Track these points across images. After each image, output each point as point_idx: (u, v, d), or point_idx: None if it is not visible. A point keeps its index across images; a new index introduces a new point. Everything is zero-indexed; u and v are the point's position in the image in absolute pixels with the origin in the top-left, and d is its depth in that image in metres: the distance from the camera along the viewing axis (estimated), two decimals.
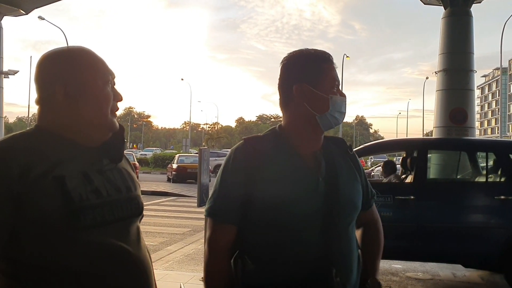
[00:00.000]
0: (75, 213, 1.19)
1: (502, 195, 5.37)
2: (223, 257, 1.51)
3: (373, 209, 1.75)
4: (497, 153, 5.90)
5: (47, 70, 1.31)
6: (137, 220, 1.39)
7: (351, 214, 1.56)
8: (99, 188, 1.28)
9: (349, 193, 1.55)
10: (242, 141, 1.58)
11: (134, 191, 1.41)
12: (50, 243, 1.18)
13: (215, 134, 68.99)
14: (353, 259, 1.54)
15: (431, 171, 6.19)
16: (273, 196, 1.45)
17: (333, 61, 1.57)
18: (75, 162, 1.27)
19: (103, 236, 1.24)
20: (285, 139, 1.56)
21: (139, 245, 1.36)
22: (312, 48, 1.58)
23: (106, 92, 1.33)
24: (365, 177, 1.69)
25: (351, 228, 1.57)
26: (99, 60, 1.35)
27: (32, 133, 1.31)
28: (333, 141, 1.66)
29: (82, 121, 1.30)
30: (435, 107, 14.11)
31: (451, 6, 13.56)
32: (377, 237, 1.73)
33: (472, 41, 13.62)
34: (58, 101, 1.29)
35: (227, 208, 1.51)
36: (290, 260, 1.44)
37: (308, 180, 1.49)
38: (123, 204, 1.33)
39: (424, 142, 6.90)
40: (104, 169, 1.34)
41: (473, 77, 14.15)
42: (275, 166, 1.49)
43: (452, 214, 5.56)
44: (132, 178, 1.43)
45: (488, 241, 5.41)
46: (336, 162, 1.57)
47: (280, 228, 1.45)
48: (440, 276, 6.22)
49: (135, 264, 1.30)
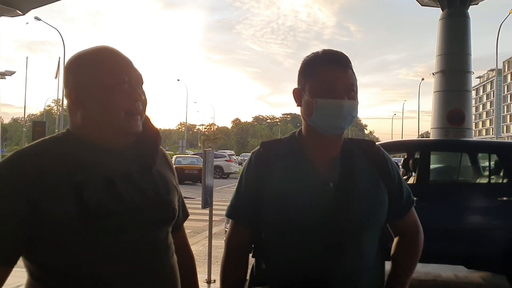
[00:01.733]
0: (90, 220, 1.17)
1: (504, 197, 5.39)
2: (238, 256, 1.57)
3: (411, 217, 1.62)
4: (499, 155, 5.92)
5: (65, 75, 1.31)
6: (166, 226, 1.35)
7: (365, 225, 1.46)
8: (122, 193, 1.24)
9: (367, 203, 1.46)
10: (259, 146, 1.60)
11: (166, 196, 1.36)
12: (68, 249, 1.17)
13: (212, 135, 68.96)
14: (363, 276, 1.45)
15: (433, 173, 6.18)
16: (278, 200, 1.46)
17: (337, 62, 1.48)
18: (98, 166, 1.24)
19: (122, 243, 1.21)
20: (300, 144, 1.55)
21: (165, 251, 1.33)
22: (326, 49, 1.53)
23: (116, 93, 1.26)
24: (399, 182, 1.58)
25: (369, 241, 1.48)
26: (113, 60, 1.30)
27: (59, 138, 1.30)
28: (360, 144, 1.59)
29: (93, 124, 1.27)
30: (432, 108, 14.15)
31: (448, 8, 13.62)
32: (410, 250, 1.61)
33: (470, 43, 13.68)
34: (72, 106, 1.28)
35: (242, 210, 1.56)
36: (296, 264, 1.44)
37: (316, 186, 1.46)
38: (148, 210, 1.28)
39: (426, 143, 6.92)
40: (132, 173, 1.30)
41: (470, 78, 14.21)
42: (284, 171, 1.49)
43: (454, 216, 5.56)
44: (167, 182, 1.39)
45: (490, 242, 5.42)
46: (356, 168, 1.50)
47: (286, 231, 1.45)
48: (442, 277, 6.22)
49: (156, 273, 1.27)
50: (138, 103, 1.30)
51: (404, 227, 1.63)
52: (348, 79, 1.48)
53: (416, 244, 1.62)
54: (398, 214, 1.59)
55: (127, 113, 1.28)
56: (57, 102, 70.79)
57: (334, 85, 1.45)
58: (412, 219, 1.64)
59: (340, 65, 1.48)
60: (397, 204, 1.57)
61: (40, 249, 1.18)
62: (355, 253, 1.45)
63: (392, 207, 1.53)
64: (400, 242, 1.63)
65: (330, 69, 1.47)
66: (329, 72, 1.47)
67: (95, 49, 1.32)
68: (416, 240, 1.63)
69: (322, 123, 1.47)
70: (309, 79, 1.50)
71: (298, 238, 1.44)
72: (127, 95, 1.28)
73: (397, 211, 1.58)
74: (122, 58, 1.32)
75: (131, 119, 1.29)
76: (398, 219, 1.60)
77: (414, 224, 1.64)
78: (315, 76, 1.48)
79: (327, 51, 1.52)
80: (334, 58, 1.49)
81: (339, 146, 1.54)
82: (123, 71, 1.30)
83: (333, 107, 1.44)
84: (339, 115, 1.45)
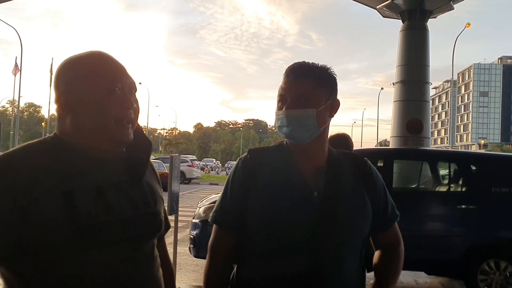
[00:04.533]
0: (80, 230, 1.12)
1: (463, 205, 5.58)
2: (222, 262, 1.56)
3: (394, 230, 1.65)
4: (458, 164, 6.12)
5: (57, 79, 1.26)
6: (153, 237, 1.32)
7: (349, 236, 1.47)
8: (112, 204, 1.20)
9: (350, 214, 1.46)
10: (247, 153, 1.59)
11: (154, 207, 1.32)
12: (53, 261, 1.11)
13: (174, 139, 68.22)
14: (346, 284, 1.47)
15: (394, 181, 6.32)
16: (262, 207, 1.46)
17: (291, 74, 1.48)
18: (89, 175, 1.19)
19: (110, 255, 1.17)
20: (287, 152, 1.55)
21: (151, 264, 1.29)
22: (295, 62, 1.53)
23: (107, 100, 1.21)
24: (384, 195, 1.60)
25: (351, 252, 1.49)
26: (106, 67, 1.25)
27: (48, 142, 1.24)
28: (348, 157, 1.59)
29: (82, 131, 1.22)
30: (392, 117, 14.51)
31: (409, 20, 14.04)
32: (392, 262, 1.63)
33: (428, 54, 14.15)
34: (61, 111, 1.23)
35: (227, 216, 1.55)
36: (278, 273, 1.43)
37: (300, 194, 1.46)
38: (137, 222, 1.25)
39: (390, 152, 7.07)
40: (122, 183, 1.25)
41: (429, 89, 14.69)
42: (269, 179, 1.49)
43: (415, 223, 5.71)
44: (154, 192, 1.35)
45: (449, 248, 5.59)
46: (341, 178, 1.51)
47: (269, 239, 1.45)
48: (403, 283, 6.35)
49: (142, 286, 1.24)
50: (130, 111, 1.25)
51: (386, 240, 1.65)
52: (299, 88, 1.47)
53: (399, 255, 1.64)
54: (382, 227, 1.61)
55: (117, 121, 1.22)
56: (13, 103, 68.31)
57: (283, 97, 1.49)
58: (395, 232, 1.66)
59: (293, 76, 1.49)
60: (382, 218, 1.58)
61: (22, 259, 1.11)
62: (337, 265, 1.45)
63: (376, 220, 1.55)
64: (382, 254, 1.65)
65: (284, 82, 1.51)
66: (283, 85, 1.51)
67: (89, 54, 1.27)
68: (399, 253, 1.65)
69: (282, 134, 1.51)
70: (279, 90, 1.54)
71: (281, 247, 1.43)
72: (119, 103, 1.23)
73: (381, 224, 1.60)
74: (116, 65, 1.27)
75: (122, 127, 1.24)
76: (382, 232, 1.62)
77: (396, 237, 1.66)
78: (280, 87, 1.53)
79: (293, 65, 1.53)
80: (291, 70, 1.51)
81: (324, 156, 1.54)
82: (116, 78, 1.25)
83: (279, 118, 1.49)
84: (285, 125, 1.47)
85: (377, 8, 15.00)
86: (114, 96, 1.23)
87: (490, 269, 5.44)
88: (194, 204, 13.02)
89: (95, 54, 1.27)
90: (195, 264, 6.97)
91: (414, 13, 13.85)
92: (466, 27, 31.08)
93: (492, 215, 5.61)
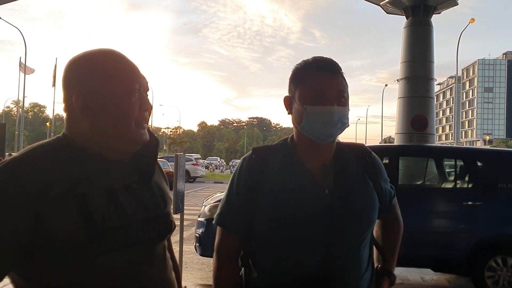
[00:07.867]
0: (96, 236, 1.10)
1: (469, 201, 5.55)
2: (229, 263, 1.53)
3: (394, 210, 1.72)
4: (464, 160, 6.08)
5: (69, 77, 1.20)
6: (164, 239, 1.30)
7: (364, 229, 1.48)
8: (124, 207, 1.17)
9: (362, 207, 1.47)
10: (251, 152, 1.56)
11: (164, 208, 1.30)
12: (66, 266, 1.09)
13: (178, 138, 68.27)
14: (359, 281, 1.47)
15: (400, 178, 6.29)
16: (273, 207, 1.43)
17: (327, 68, 1.46)
18: (101, 177, 1.17)
19: (124, 259, 1.14)
20: (292, 151, 1.52)
21: (164, 265, 1.27)
22: (316, 56, 1.51)
23: (129, 102, 1.19)
24: (385, 181, 1.61)
25: (364, 246, 1.49)
26: (124, 67, 1.22)
27: (57, 143, 1.20)
28: (351, 148, 1.58)
29: (102, 134, 1.19)
30: (397, 114, 14.47)
31: (413, 16, 13.97)
32: (395, 232, 1.72)
33: (433, 50, 14.07)
34: (77, 112, 1.18)
35: (232, 218, 1.51)
36: (290, 272, 1.42)
37: (311, 192, 1.44)
38: (149, 224, 1.22)
39: (396, 149, 7.05)
40: (132, 185, 1.23)
41: (433, 85, 14.63)
42: (278, 178, 1.46)
43: (421, 220, 5.68)
44: (163, 193, 1.33)
45: (456, 245, 5.57)
46: (348, 173, 1.49)
47: (280, 239, 1.43)
48: (409, 280, 6.34)
49: (157, 287, 1.22)
50: (147, 112, 1.24)
51: (390, 218, 1.72)
52: (338, 85, 1.46)
53: (400, 228, 1.74)
54: (385, 210, 1.64)
55: (137, 123, 1.21)
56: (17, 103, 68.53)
57: (323, 92, 1.44)
58: (397, 211, 1.74)
59: (330, 72, 1.47)
60: (385, 200, 1.62)
61: (36, 265, 1.09)
62: (351, 262, 1.45)
63: (382, 206, 1.57)
64: (384, 226, 1.73)
65: (320, 76, 1.45)
66: (319, 79, 1.45)
67: (103, 53, 1.23)
68: (400, 226, 1.75)
69: (313, 130, 1.45)
70: (299, 86, 1.48)
71: (293, 246, 1.42)
72: (139, 105, 1.22)
73: (385, 207, 1.62)
74: (132, 65, 1.24)
75: (140, 129, 1.22)
76: (386, 213, 1.67)
77: (398, 215, 1.75)
78: (305, 83, 1.46)
79: (317, 58, 1.50)
80: (324, 64, 1.48)
81: (332, 152, 1.53)
82: (135, 79, 1.23)
83: (323, 114, 1.43)
84: (329, 121, 1.43)
85: (380, 5, 14.94)
86: (135, 98, 1.21)
87: (497, 266, 5.41)
88: (199, 202, 13.02)
89: (110, 54, 1.23)
90: (201, 263, 6.97)
91: (418, 9, 13.78)
92: (471, 23, 30.93)
93: (499, 211, 5.58)
